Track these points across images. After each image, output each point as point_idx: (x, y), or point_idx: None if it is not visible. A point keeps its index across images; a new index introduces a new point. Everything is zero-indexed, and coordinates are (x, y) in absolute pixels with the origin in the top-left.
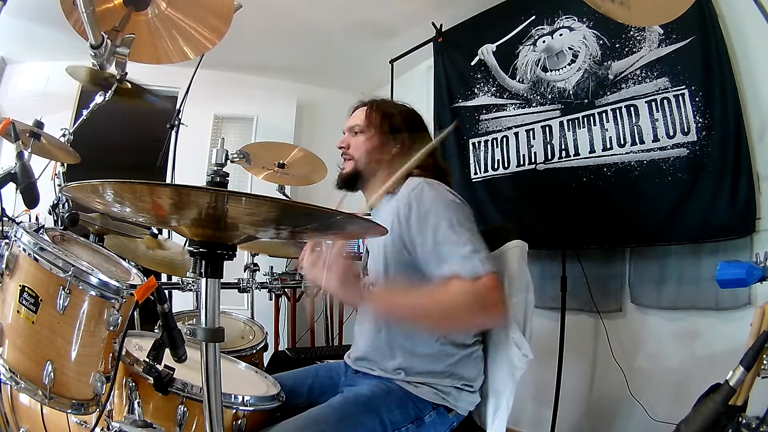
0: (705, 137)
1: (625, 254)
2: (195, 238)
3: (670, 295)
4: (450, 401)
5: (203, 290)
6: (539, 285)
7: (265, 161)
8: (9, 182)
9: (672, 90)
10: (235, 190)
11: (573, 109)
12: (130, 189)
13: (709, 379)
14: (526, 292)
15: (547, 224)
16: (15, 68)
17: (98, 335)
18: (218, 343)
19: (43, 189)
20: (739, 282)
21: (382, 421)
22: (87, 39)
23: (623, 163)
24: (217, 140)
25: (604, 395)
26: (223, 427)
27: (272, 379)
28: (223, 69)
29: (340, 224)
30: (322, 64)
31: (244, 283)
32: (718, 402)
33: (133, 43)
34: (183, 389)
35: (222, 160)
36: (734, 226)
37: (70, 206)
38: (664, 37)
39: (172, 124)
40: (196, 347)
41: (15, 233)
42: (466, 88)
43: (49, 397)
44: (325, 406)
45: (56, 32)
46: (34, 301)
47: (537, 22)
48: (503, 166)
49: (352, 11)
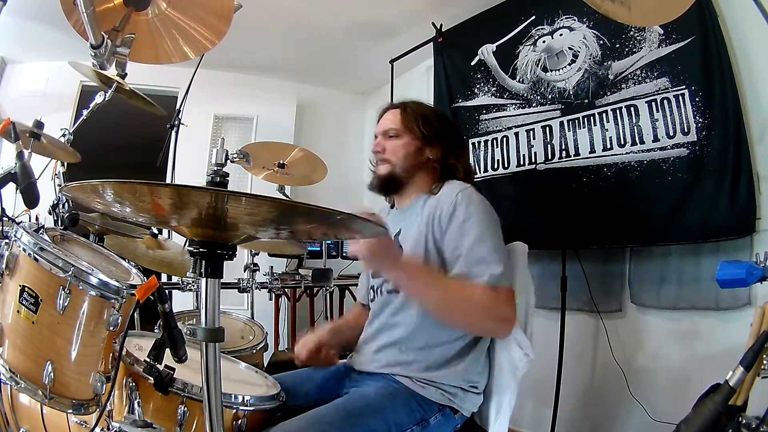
0: (705, 137)
1: (625, 254)
2: (195, 238)
3: (670, 295)
4: (456, 402)
5: (203, 290)
6: (539, 285)
7: (265, 161)
8: (9, 182)
9: (672, 90)
10: (235, 190)
11: (573, 109)
12: (130, 189)
13: (709, 379)
14: (526, 294)
15: (547, 224)
16: (15, 68)
17: (98, 335)
18: (218, 343)
19: (43, 189)
20: (739, 282)
21: (387, 422)
22: (87, 39)
23: (623, 163)
24: (217, 140)
25: (604, 395)
26: (223, 427)
27: (272, 379)
28: (223, 69)
29: (340, 224)
30: (322, 64)
31: (244, 283)
32: (718, 402)
33: (133, 43)
34: (183, 389)
35: (222, 160)
36: (734, 226)
37: (70, 206)
38: (664, 37)
39: (172, 124)
40: (196, 347)
41: (15, 233)
42: (466, 88)
43: (49, 397)
44: (329, 406)
45: (56, 32)
46: (34, 301)
47: (537, 22)
48: (503, 166)
49: (352, 11)
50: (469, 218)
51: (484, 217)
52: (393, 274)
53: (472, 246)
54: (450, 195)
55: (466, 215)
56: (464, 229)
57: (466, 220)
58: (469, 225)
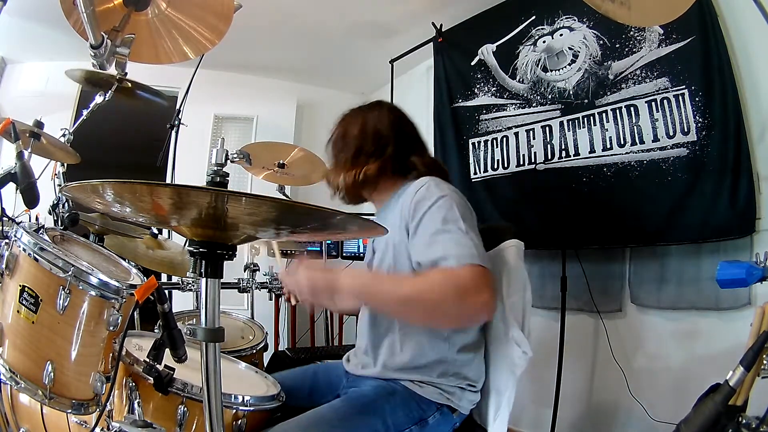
0: (705, 137)
1: (625, 254)
2: (195, 238)
3: (670, 295)
4: (454, 401)
5: (203, 290)
6: (539, 285)
7: (265, 161)
8: (9, 182)
9: (672, 90)
10: (235, 190)
11: (573, 109)
12: (130, 189)
13: (709, 379)
14: (523, 291)
15: (547, 224)
16: (15, 68)
17: (98, 335)
18: (218, 343)
19: (43, 189)
20: (739, 282)
21: (385, 422)
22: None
23: (623, 163)
24: (217, 140)
25: (604, 395)
26: (223, 427)
27: (272, 379)
28: (223, 69)
29: (340, 224)
30: (322, 64)
31: (244, 283)
32: (718, 402)
33: (133, 43)
34: (183, 389)
35: (222, 160)
36: (734, 226)
37: (70, 206)
38: (664, 37)
39: (172, 124)
40: (196, 347)
41: (15, 233)
42: (466, 88)
43: (49, 397)
44: (327, 407)
45: (56, 32)
46: (34, 301)
47: (537, 22)
48: (503, 166)
49: (353, 11)
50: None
51: (445, 203)
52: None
53: (436, 231)
54: (411, 192)
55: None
56: (426, 217)
57: (429, 208)
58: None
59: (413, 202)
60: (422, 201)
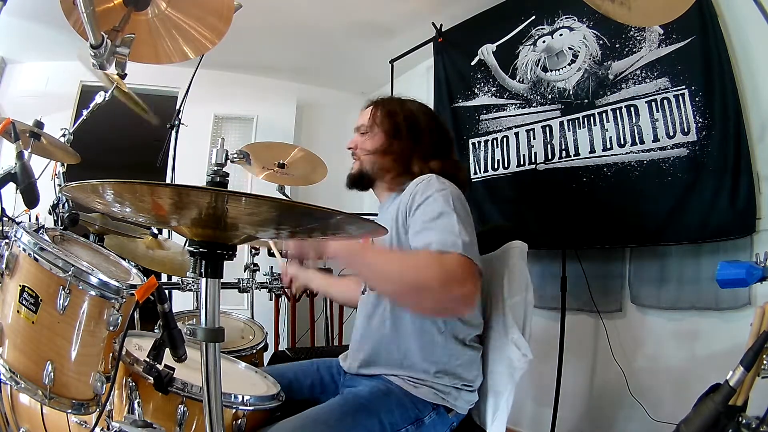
0: (705, 137)
1: (625, 254)
2: (195, 238)
3: (670, 295)
4: (449, 401)
5: (203, 290)
6: (539, 285)
7: (265, 161)
8: (9, 182)
9: (672, 90)
10: (235, 190)
11: (573, 109)
12: (130, 189)
13: (709, 379)
14: (525, 292)
15: (547, 224)
16: (15, 68)
17: (98, 335)
18: (218, 343)
19: (43, 189)
20: (739, 282)
21: (382, 422)
22: (87, 39)
23: (623, 163)
24: (217, 140)
25: (604, 395)
26: (223, 427)
27: (272, 378)
28: (223, 69)
29: (340, 224)
30: (322, 64)
31: (244, 283)
32: (718, 402)
33: (133, 43)
34: (183, 389)
35: (222, 160)
36: (734, 226)
37: (70, 206)
38: (664, 37)
39: (172, 124)
40: (196, 347)
41: (15, 233)
42: (466, 88)
43: (49, 397)
44: (324, 406)
45: (56, 32)
46: (34, 301)
47: (537, 22)
48: (503, 166)
49: (352, 11)
50: (428, 198)
51: (442, 196)
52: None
53: (427, 222)
54: (410, 189)
55: (425, 197)
56: (417, 213)
57: (425, 201)
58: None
59: (413, 193)
60: (422, 192)
